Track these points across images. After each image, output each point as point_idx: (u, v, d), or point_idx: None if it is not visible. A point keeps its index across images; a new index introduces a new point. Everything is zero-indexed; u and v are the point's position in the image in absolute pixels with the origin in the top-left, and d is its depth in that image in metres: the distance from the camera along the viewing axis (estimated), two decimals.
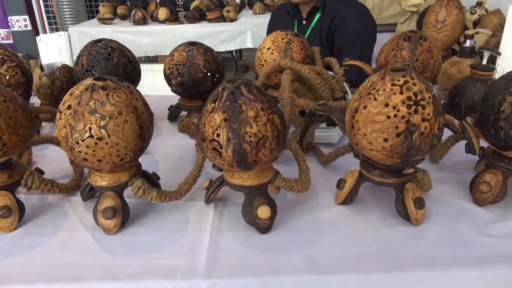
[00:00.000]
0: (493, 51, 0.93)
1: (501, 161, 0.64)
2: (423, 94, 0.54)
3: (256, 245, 0.58)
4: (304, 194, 0.68)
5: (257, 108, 0.55)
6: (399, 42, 0.92)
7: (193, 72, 0.88)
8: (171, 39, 2.74)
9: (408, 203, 0.60)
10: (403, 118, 0.54)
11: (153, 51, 2.80)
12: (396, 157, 0.57)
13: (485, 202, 0.65)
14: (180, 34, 2.73)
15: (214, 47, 2.74)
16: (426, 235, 0.59)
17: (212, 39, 2.74)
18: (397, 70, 0.57)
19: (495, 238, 0.58)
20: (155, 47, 2.77)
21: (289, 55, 0.91)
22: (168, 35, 2.74)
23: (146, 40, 2.73)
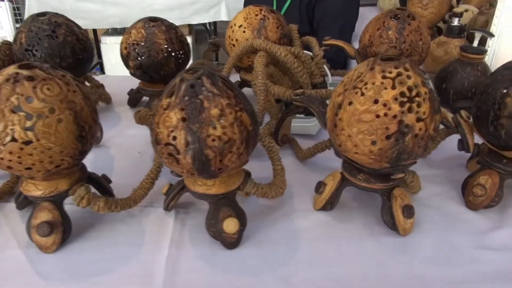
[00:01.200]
0: (486, 32, 0.86)
1: (498, 161, 0.57)
2: (418, 89, 0.46)
3: (222, 263, 0.50)
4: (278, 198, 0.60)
5: (222, 104, 0.45)
6: (385, 21, 0.83)
7: (154, 52, 0.76)
8: (139, 10, 2.56)
9: (396, 212, 0.53)
10: (395, 118, 0.45)
11: (120, 23, 2.60)
12: (384, 161, 0.49)
13: (479, 206, 0.58)
14: (149, 6, 2.54)
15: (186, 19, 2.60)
16: (416, 248, 0.52)
17: (183, 11, 2.57)
18: (388, 59, 0.48)
19: (492, 251, 0.51)
20: (122, 18, 2.57)
21: (263, 34, 0.80)
22: (136, 6, 2.55)
23: (112, 11, 2.54)
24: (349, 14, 1.45)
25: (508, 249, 0.52)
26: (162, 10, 2.58)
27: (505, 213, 0.58)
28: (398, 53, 0.81)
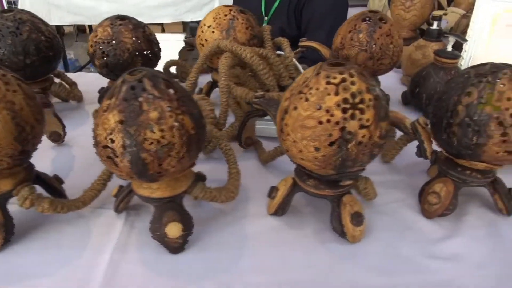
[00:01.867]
0: (459, 36, 0.84)
1: (453, 169, 0.56)
2: (362, 96, 0.45)
3: (164, 268, 0.49)
4: (232, 202, 0.59)
5: (162, 107, 0.44)
6: (356, 24, 0.82)
7: (119, 51, 0.76)
8: (133, 7, 2.56)
9: (345, 219, 0.52)
10: (337, 124, 0.45)
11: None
12: (329, 168, 0.48)
13: (433, 214, 0.57)
14: (142, 2, 2.54)
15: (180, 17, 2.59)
16: (364, 256, 0.51)
17: (177, 8, 2.57)
18: (336, 65, 0.47)
19: (440, 261, 0.51)
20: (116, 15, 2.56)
21: (232, 34, 0.79)
22: (130, 2, 2.54)
23: (105, 7, 2.53)
24: (337, 16, 1.44)
25: (456, 258, 0.51)
26: (155, 7, 2.57)
27: (459, 222, 0.57)
28: (369, 56, 0.80)
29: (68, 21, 2.58)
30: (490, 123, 0.48)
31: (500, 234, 0.55)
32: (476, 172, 0.55)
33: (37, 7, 2.49)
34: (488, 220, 0.57)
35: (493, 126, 0.48)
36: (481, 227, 0.56)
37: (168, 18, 2.61)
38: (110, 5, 2.53)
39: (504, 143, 0.49)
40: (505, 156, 0.50)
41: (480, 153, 0.51)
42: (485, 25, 0.90)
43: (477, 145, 0.50)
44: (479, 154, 0.51)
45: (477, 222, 0.57)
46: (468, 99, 0.50)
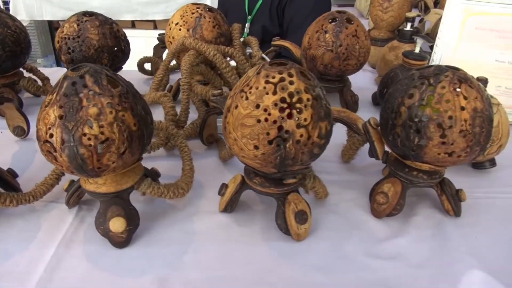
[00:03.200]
0: (426, 38, 0.85)
1: (401, 170, 0.57)
2: (300, 96, 0.45)
3: (107, 263, 0.50)
4: (185, 198, 0.60)
5: (102, 104, 0.45)
6: (323, 24, 0.82)
7: (85, 48, 0.76)
8: (125, 2, 2.56)
9: (289, 217, 0.53)
10: (275, 123, 0.45)
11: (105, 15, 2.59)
12: (270, 166, 0.48)
13: (382, 214, 0.58)
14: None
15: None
16: (306, 254, 0.52)
17: (168, 5, 2.57)
18: (278, 64, 0.48)
19: (381, 260, 0.51)
20: (107, 10, 2.56)
21: (199, 32, 0.80)
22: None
23: (96, 3, 2.53)
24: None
25: (397, 258, 0.51)
26: (147, 3, 2.57)
27: (407, 222, 0.58)
28: (334, 56, 0.81)
29: (60, 16, 2.58)
30: (430, 125, 0.49)
31: (445, 235, 0.55)
32: (423, 173, 0.55)
33: (30, 2, 2.50)
34: (435, 221, 0.58)
35: (432, 128, 0.49)
36: (427, 228, 0.57)
37: (159, 15, 2.61)
38: (101, 1, 2.53)
39: (444, 145, 0.49)
40: (446, 157, 0.50)
41: (422, 155, 0.51)
42: (454, 27, 0.91)
43: (419, 147, 0.50)
44: (421, 155, 0.51)
45: (425, 222, 0.58)
46: (410, 101, 0.51)
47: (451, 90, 0.48)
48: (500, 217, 0.59)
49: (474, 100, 0.48)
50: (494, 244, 0.54)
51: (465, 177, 0.69)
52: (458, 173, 0.69)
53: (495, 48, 0.88)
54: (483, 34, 0.89)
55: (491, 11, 0.87)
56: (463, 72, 0.51)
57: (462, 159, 0.51)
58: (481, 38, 0.89)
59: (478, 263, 0.50)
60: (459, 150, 0.49)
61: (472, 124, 0.48)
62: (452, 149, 0.49)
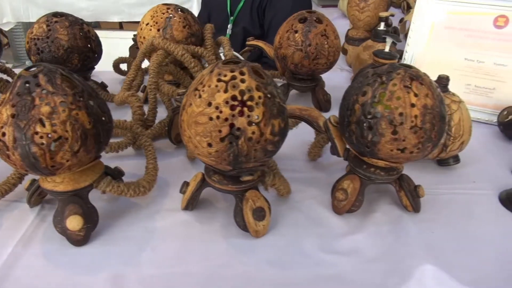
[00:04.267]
0: (394, 37, 0.86)
1: (359, 166, 0.57)
2: (251, 93, 0.46)
3: (64, 261, 0.50)
4: (150, 196, 0.61)
5: (55, 102, 0.46)
6: (293, 23, 0.83)
7: (54, 48, 0.76)
8: (112, 4, 2.56)
9: (246, 214, 0.53)
10: (226, 121, 0.46)
11: (92, 16, 2.59)
12: (225, 163, 0.49)
13: (342, 210, 0.59)
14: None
15: None
16: (262, 250, 0.52)
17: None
18: (232, 63, 0.49)
19: (337, 255, 0.52)
20: (94, 11, 2.57)
21: (169, 32, 0.80)
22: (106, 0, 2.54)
23: (83, 4, 2.53)
24: None
25: (352, 253, 0.52)
26: (134, 4, 2.57)
27: (366, 218, 0.58)
28: (304, 56, 0.82)
29: None
30: (381, 121, 0.50)
31: (402, 230, 0.56)
32: (380, 169, 0.56)
33: (16, 4, 2.49)
34: (394, 217, 0.59)
35: (384, 124, 0.50)
36: (385, 224, 0.57)
37: None
38: (88, 2, 2.53)
39: (395, 141, 0.50)
40: (399, 153, 0.51)
41: (376, 151, 0.52)
42: (424, 27, 0.92)
43: (372, 143, 0.51)
44: (375, 152, 0.52)
45: (383, 218, 0.58)
46: (363, 98, 0.51)
47: (402, 88, 0.49)
48: (459, 212, 0.60)
49: (424, 97, 0.49)
50: (450, 239, 0.55)
51: (430, 174, 0.70)
52: (423, 170, 0.71)
53: (464, 47, 0.90)
54: (452, 33, 0.90)
55: (460, 10, 0.89)
56: (416, 70, 0.52)
57: (415, 155, 0.51)
58: (451, 37, 0.90)
59: (432, 258, 0.51)
60: (411, 146, 0.50)
61: (422, 121, 0.49)
62: (404, 145, 0.50)
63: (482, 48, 0.88)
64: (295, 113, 0.62)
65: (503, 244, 0.55)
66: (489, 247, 0.54)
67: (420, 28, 0.92)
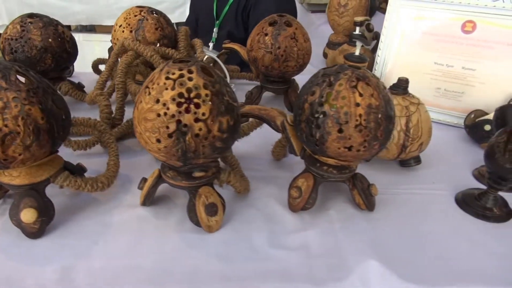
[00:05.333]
0: (363, 41, 0.88)
1: (313, 164, 0.59)
2: (198, 91, 0.48)
3: (17, 253, 0.51)
4: (111, 192, 0.62)
5: (8, 98, 0.47)
6: (264, 26, 0.85)
7: (27, 48, 0.78)
8: (105, 8, 2.59)
9: (199, 209, 0.55)
10: (173, 117, 0.47)
11: (87, 20, 2.63)
12: (174, 159, 0.51)
13: (296, 208, 0.60)
14: (115, 3, 2.57)
15: None
16: (213, 245, 0.54)
17: None
18: (181, 62, 0.50)
19: (285, 251, 0.53)
20: (89, 16, 2.60)
21: (141, 34, 0.82)
22: (102, 3, 2.57)
23: (77, 8, 2.56)
24: None
25: (301, 249, 0.53)
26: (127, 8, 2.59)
27: (320, 216, 0.60)
28: (273, 58, 0.83)
29: None
30: (328, 120, 0.51)
31: (353, 228, 0.57)
32: (333, 168, 0.57)
33: (10, 6, 2.52)
34: (347, 215, 0.60)
35: (330, 123, 0.51)
36: (337, 221, 0.59)
37: None
38: (82, 5, 2.56)
39: (342, 140, 0.51)
40: (346, 152, 0.52)
41: (325, 149, 0.53)
42: (396, 31, 0.94)
43: (321, 141, 0.53)
44: (324, 150, 0.54)
45: (337, 216, 0.60)
46: (312, 98, 0.53)
47: (348, 88, 0.51)
48: (413, 212, 0.62)
49: (369, 97, 0.51)
50: (400, 237, 0.56)
51: (391, 174, 0.71)
52: (386, 171, 0.72)
53: (434, 51, 0.91)
54: (422, 38, 0.92)
55: (429, 15, 0.90)
56: (363, 71, 0.53)
57: (362, 153, 0.53)
58: (421, 42, 0.92)
59: (378, 254, 0.52)
60: (357, 145, 0.52)
61: (366, 120, 0.50)
62: (350, 144, 0.52)
63: (451, 52, 0.89)
64: (254, 112, 0.64)
65: (451, 242, 0.56)
66: (437, 245, 0.55)
67: (390, 33, 0.94)
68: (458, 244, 0.56)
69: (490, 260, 0.53)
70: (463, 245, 0.56)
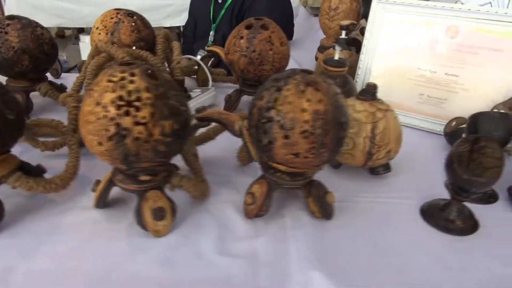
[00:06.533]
0: (342, 45, 0.86)
1: (267, 170, 0.58)
2: (139, 94, 0.47)
3: None
4: (68, 194, 0.62)
5: None
6: (240, 30, 0.84)
7: (4, 50, 0.79)
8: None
9: (145, 213, 0.54)
10: (113, 120, 0.47)
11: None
12: (118, 162, 0.50)
13: (250, 214, 0.59)
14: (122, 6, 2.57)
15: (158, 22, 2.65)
16: (159, 250, 0.53)
17: (157, 13, 2.63)
18: (128, 64, 0.50)
19: (231, 258, 0.52)
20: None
21: (117, 36, 0.83)
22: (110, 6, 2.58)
23: (87, 10, 2.61)
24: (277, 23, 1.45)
25: (248, 257, 0.52)
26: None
27: (272, 223, 0.58)
28: (248, 62, 0.82)
29: (52, 24, 2.67)
30: (274, 126, 0.50)
31: (305, 236, 0.56)
32: (286, 174, 0.56)
33: (23, 9, 2.59)
34: (302, 223, 0.58)
35: (276, 128, 0.50)
36: (291, 229, 0.57)
37: None
38: (92, 8, 2.61)
39: (288, 146, 0.50)
40: (294, 158, 0.51)
41: (273, 155, 0.52)
42: (379, 36, 0.92)
43: (268, 148, 0.51)
44: (272, 156, 0.52)
45: (291, 224, 0.58)
46: (260, 103, 0.52)
47: (295, 93, 0.49)
48: (372, 221, 0.60)
49: (317, 103, 0.49)
50: (353, 246, 0.55)
51: (360, 182, 0.70)
52: (355, 179, 0.70)
53: (417, 56, 0.89)
54: (406, 43, 0.89)
55: (413, 20, 0.88)
56: (315, 76, 0.52)
57: (311, 160, 0.51)
58: (405, 47, 0.90)
59: (324, 265, 0.50)
60: (303, 151, 0.50)
61: (313, 126, 0.49)
62: (296, 150, 0.50)
63: (435, 58, 0.87)
64: (214, 116, 0.63)
65: (407, 254, 0.54)
66: (393, 257, 0.53)
67: (373, 37, 0.92)
68: (414, 256, 0.54)
69: (446, 275, 0.51)
70: (420, 258, 0.53)
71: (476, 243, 0.56)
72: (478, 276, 0.50)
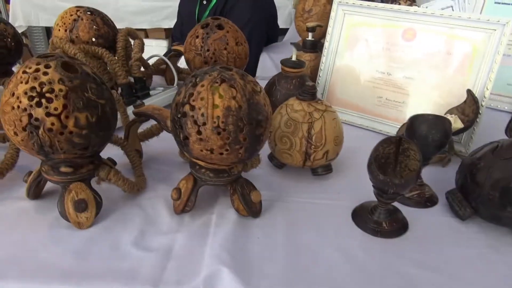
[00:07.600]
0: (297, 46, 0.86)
1: (193, 167, 0.58)
2: (52, 86, 0.48)
3: None
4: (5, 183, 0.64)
5: None
6: (197, 29, 0.85)
7: None
8: (114, 12, 2.66)
9: (66, 204, 0.55)
10: (25, 111, 0.48)
11: None
12: (34, 153, 0.51)
13: (177, 210, 0.59)
14: (123, 7, 2.65)
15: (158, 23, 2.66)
16: (76, 242, 0.53)
17: (156, 15, 2.66)
18: (46, 57, 0.51)
19: (145, 252, 0.52)
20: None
21: (75, 33, 0.84)
22: (110, 7, 2.65)
23: None
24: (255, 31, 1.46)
25: (161, 251, 0.52)
26: (135, 12, 2.67)
27: (198, 219, 0.59)
28: (203, 61, 0.83)
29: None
30: (188, 121, 0.50)
31: (225, 233, 0.56)
32: (210, 171, 0.56)
33: (26, 9, 2.66)
34: (227, 220, 0.58)
35: (190, 124, 0.50)
36: (213, 226, 0.57)
37: (146, 24, 2.71)
38: None
39: (202, 142, 0.50)
40: (209, 154, 0.51)
41: (190, 150, 0.52)
42: (339, 37, 0.91)
43: (185, 142, 0.52)
44: (189, 151, 0.53)
45: (216, 220, 0.58)
46: (178, 98, 0.52)
47: (208, 89, 0.50)
48: (298, 222, 0.59)
49: (229, 99, 0.49)
50: (270, 246, 0.54)
51: (300, 182, 0.70)
52: (297, 179, 0.71)
53: (375, 59, 0.88)
54: (365, 45, 0.89)
55: (372, 22, 0.88)
56: (233, 73, 0.52)
57: (226, 157, 0.51)
58: (364, 49, 0.89)
59: (235, 262, 0.50)
60: (217, 147, 0.50)
61: (224, 122, 0.49)
62: (210, 146, 0.50)
63: (392, 60, 0.86)
64: (147, 111, 0.64)
65: (323, 254, 0.53)
66: (307, 255, 0.53)
67: (334, 40, 0.92)
68: (328, 257, 0.53)
69: (356, 276, 0.50)
70: (335, 259, 0.53)
71: (396, 246, 0.55)
72: (389, 281, 0.50)
